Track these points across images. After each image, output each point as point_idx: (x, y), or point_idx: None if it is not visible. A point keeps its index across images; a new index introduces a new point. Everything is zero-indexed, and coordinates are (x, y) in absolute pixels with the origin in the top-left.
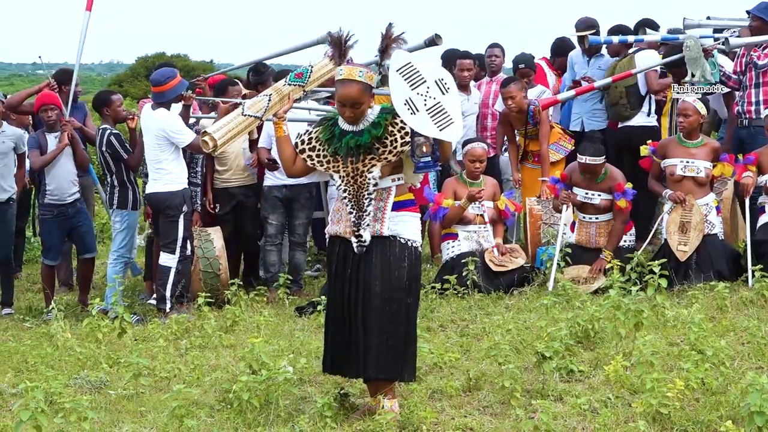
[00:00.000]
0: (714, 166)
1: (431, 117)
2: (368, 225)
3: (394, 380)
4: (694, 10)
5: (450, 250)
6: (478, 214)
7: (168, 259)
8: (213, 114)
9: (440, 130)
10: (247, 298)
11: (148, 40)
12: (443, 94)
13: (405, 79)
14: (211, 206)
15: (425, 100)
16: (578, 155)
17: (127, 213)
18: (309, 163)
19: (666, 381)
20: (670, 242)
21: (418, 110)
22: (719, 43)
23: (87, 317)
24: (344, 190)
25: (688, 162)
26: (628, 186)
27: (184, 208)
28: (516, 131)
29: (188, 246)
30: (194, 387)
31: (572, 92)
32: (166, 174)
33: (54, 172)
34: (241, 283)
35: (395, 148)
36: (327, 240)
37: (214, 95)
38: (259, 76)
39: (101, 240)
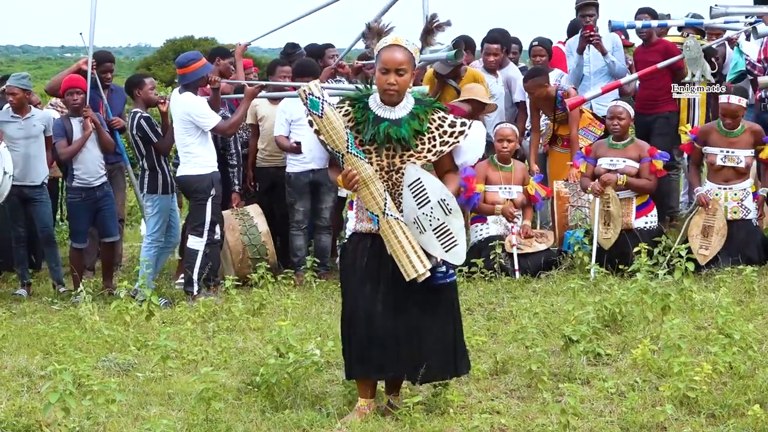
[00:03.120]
0: (759, 150)
1: (437, 237)
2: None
3: (447, 378)
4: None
5: (478, 233)
6: (507, 199)
7: (196, 242)
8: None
9: (446, 251)
10: (275, 282)
11: (176, 23)
12: (446, 215)
13: (413, 196)
14: (252, 183)
15: (430, 220)
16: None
17: (158, 197)
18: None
19: (693, 365)
20: (691, 245)
21: (425, 230)
22: (745, 32)
23: (115, 300)
24: None
25: (728, 152)
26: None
27: (213, 192)
28: (546, 116)
29: (216, 230)
30: (222, 370)
31: (598, 90)
32: (194, 157)
33: (81, 157)
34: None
35: (434, 146)
36: (348, 238)
37: (263, 75)
38: (288, 57)
39: (129, 223)
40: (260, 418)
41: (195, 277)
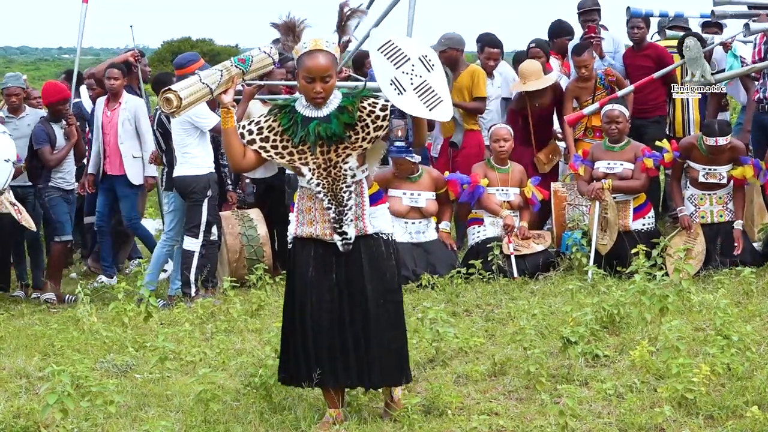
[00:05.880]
0: (733, 167)
1: (419, 96)
2: (351, 221)
3: (397, 384)
4: None
5: (475, 235)
6: (504, 201)
7: (191, 243)
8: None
9: (430, 110)
10: (273, 282)
11: (173, 25)
12: (428, 71)
13: (388, 58)
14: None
15: (411, 78)
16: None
17: (173, 195)
18: (265, 155)
19: (692, 366)
20: (667, 264)
21: (405, 90)
22: (740, 33)
23: (114, 302)
24: (317, 184)
25: (710, 169)
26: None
27: (209, 192)
28: (579, 102)
29: (213, 231)
30: (220, 371)
31: (596, 105)
32: (191, 158)
33: (62, 164)
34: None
35: (368, 134)
36: (291, 243)
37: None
38: (282, 60)
39: None
40: (258, 420)
41: (192, 278)
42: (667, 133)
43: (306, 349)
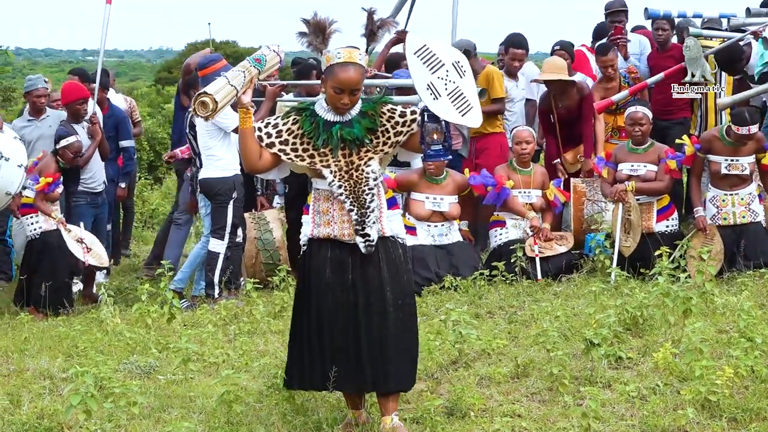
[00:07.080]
0: (760, 157)
1: (452, 102)
2: (373, 223)
3: (407, 390)
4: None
5: (498, 237)
6: (526, 203)
7: (217, 245)
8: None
9: (462, 115)
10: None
11: (197, 27)
12: (461, 77)
13: (423, 63)
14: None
15: (446, 84)
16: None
17: None
18: (284, 157)
19: (715, 368)
20: (688, 266)
21: (440, 95)
22: (762, 32)
23: (137, 303)
24: (339, 186)
25: (732, 161)
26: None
27: (234, 195)
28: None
29: (238, 233)
30: (243, 372)
31: (626, 92)
32: (216, 160)
33: (90, 163)
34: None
35: (389, 139)
36: (305, 243)
37: (295, 77)
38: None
39: (151, 226)
40: (281, 421)
41: (216, 280)
42: (698, 132)
43: (322, 351)
